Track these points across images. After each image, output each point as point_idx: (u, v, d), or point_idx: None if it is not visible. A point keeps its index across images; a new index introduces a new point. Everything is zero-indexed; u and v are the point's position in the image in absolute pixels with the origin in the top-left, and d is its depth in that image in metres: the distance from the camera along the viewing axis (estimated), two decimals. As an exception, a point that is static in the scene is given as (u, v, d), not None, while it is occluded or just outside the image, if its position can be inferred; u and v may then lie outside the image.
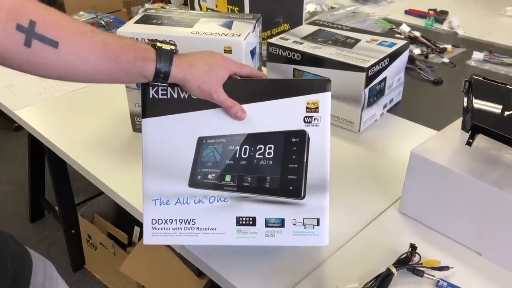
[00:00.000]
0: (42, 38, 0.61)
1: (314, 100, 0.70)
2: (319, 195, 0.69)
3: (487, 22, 1.78)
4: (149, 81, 0.70)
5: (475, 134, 0.75)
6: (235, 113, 0.70)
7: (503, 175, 0.73)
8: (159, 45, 0.69)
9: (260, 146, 0.71)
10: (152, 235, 0.71)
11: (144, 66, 0.67)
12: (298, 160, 0.70)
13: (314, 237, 0.69)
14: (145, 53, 0.68)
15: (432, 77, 1.33)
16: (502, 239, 0.72)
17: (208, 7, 1.43)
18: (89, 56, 0.65)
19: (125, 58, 0.67)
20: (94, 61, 0.65)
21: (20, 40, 0.60)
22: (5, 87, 1.33)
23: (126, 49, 0.67)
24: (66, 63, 0.64)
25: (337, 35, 1.15)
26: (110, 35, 0.68)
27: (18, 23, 0.59)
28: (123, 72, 0.68)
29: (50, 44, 0.61)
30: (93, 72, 0.66)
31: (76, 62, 0.64)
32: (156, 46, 0.69)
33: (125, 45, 0.67)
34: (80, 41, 0.64)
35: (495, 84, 0.80)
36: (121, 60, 0.66)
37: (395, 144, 1.05)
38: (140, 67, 0.67)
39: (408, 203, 0.83)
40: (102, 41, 0.66)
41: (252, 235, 0.70)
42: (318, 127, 0.70)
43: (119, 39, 0.68)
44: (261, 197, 0.70)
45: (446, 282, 0.69)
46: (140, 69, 0.67)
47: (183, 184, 0.71)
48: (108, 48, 0.66)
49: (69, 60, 0.64)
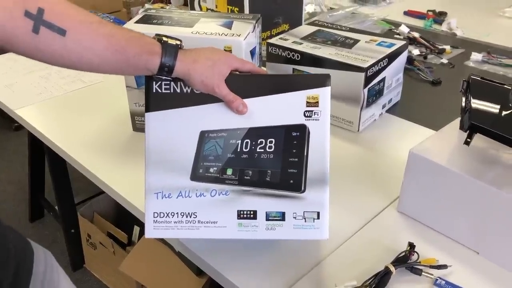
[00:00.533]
0: (50, 25, 0.62)
1: (314, 94, 0.71)
2: (319, 189, 0.70)
3: (485, 23, 1.79)
4: (153, 74, 0.71)
5: (473, 133, 0.76)
6: (237, 107, 0.71)
7: (501, 174, 0.74)
8: (164, 40, 0.71)
9: (261, 140, 0.72)
10: (154, 229, 0.72)
11: (149, 60, 0.69)
12: (298, 154, 0.70)
13: (314, 230, 0.70)
14: (151, 47, 0.69)
15: (430, 78, 1.34)
16: (499, 238, 0.73)
17: (208, 8, 1.44)
18: (95, 46, 0.66)
19: (131, 51, 0.68)
20: (100, 52, 0.66)
21: (28, 26, 0.61)
22: (5, 86, 1.33)
23: (132, 42, 0.68)
24: (72, 52, 0.65)
25: (336, 35, 1.15)
26: (117, 27, 0.69)
27: (27, 10, 0.60)
28: (129, 64, 0.69)
29: (58, 32, 0.63)
30: (98, 62, 0.67)
31: (82, 52, 0.66)
32: (162, 41, 0.70)
33: (131, 38, 0.69)
34: (88, 31, 0.65)
35: (493, 84, 0.81)
36: (127, 52, 0.68)
37: (394, 144, 1.05)
38: (145, 60, 0.69)
39: (407, 202, 0.84)
40: (110, 33, 0.67)
41: (253, 228, 0.70)
42: (318, 121, 0.71)
43: (126, 32, 0.69)
44: (262, 190, 0.71)
45: (444, 281, 0.70)
46: (145, 62, 0.69)
47: (185, 177, 0.71)
48: (115, 40, 0.67)
49: (76, 49, 0.65)
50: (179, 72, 0.70)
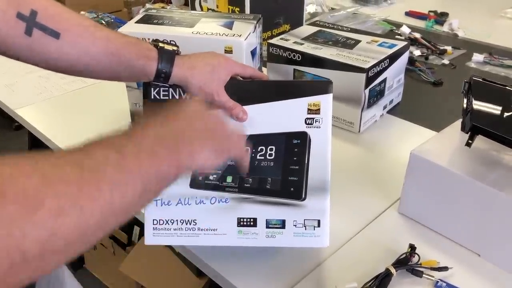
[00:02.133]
0: (44, 28, 0.61)
1: (316, 101, 0.71)
2: (320, 197, 0.69)
3: (487, 24, 1.78)
4: (150, 80, 0.70)
5: (474, 135, 0.75)
6: (237, 115, 0.70)
7: (503, 176, 0.73)
8: (161, 45, 0.69)
9: (261, 148, 0.71)
10: (154, 236, 0.71)
11: (146, 65, 0.68)
12: (299, 162, 0.70)
13: (314, 238, 0.70)
14: (147, 52, 0.68)
15: (432, 79, 1.33)
16: (501, 240, 0.72)
17: (209, 8, 1.43)
18: (91, 49, 0.65)
19: (128, 55, 0.67)
20: (96, 56, 0.65)
21: (21, 28, 0.60)
22: (5, 86, 1.33)
23: (129, 46, 0.67)
24: (67, 55, 0.64)
25: (338, 36, 1.15)
26: (113, 32, 0.68)
27: (19, 12, 0.60)
28: (125, 69, 0.68)
29: (51, 34, 0.62)
30: (94, 66, 0.66)
31: (78, 55, 0.65)
32: (158, 46, 0.69)
33: (128, 42, 0.68)
34: (83, 34, 0.65)
35: (494, 86, 0.80)
36: (124, 56, 0.67)
37: (395, 145, 1.05)
38: (141, 65, 0.68)
39: (408, 203, 0.83)
40: (106, 37, 0.66)
41: (253, 236, 0.70)
42: (319, 128, 0.70)
43: (122, 36, 0.69)
44: (262, 198, 0.70)
45: (445, 283, 0.70)
46: (141, 67, 0.68)
47: (185, 184, 0.71)
48: (111, 44, 0.66)
49: (71, 52, 0.64)
50: (177, 78, 0.69)
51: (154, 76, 0.68)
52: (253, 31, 0.96)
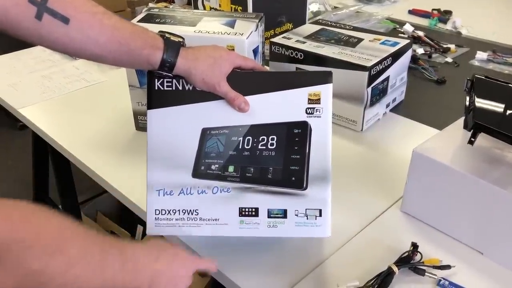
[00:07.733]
0: (54, 13, 0.63)
1: (316, 91, 0.71)
2: (321, 186, 0.69)
3: (491, 22, 1.77)
4: (154, 69, 0.71)
5: (477, 133, 0.75)
6: (239, 105, 0.71)
7: (506, 174, 0.73)
8: (167, 36, 0.71)
9: (263, 137, 0.71)
10: (155, 226, 0.72)
11: (151, 54, 0.69)
12: (300, 151, 0.70)
13: (316, 228, 0.70)
14: (153, 41, 0.70)
15: (435, 77, 1.33)
16: (504, 238, 0.72)
17: (212, 6, 1.43)
18: (98, 37, 0.67)
19: (134, 44, 0.68)
20: (103, 43, 0.67)
21: (32, 12, 0.62)
22: (9, 85, 1.33)
23: (136, 35, 0.69)
24: (75, 40, 0.66)
25: (340, 34, 1.15)
26: (121, 20, 0.70)
27: None
28: (130, 57, 0.69)
29: (61, 19, 0.63)
30: (100, 52, 0.68)
31: (85, 41, 0.66)
32: (164, 37, 0.71)
33: (135, 31, 0.69)
34: (92, 21, 0.66)
35: (497, 83, 0.80)
36: (130, 45, 0.68)
37: (398, 143, 1.05)
38: (147, 54, 0.69)
39: (410, 202, 0.83)
40: (114, 25, 0.68)
41: (255, 225, 0.70)
42: (320, 118, 0.71)
43: (130, 25, 0.70)
44: (264, 187, 0.70)
45: (448, 281, 0.69)
46: (147, 57, 0.69)
47: (187, 174, 0.71)
48: (119, 32, 0.68)
49: (78, 38, 0.66)
50: (180, 69, 0.71)
51: (158, 65, 0.70)
52: (255, 29, 0.96)
